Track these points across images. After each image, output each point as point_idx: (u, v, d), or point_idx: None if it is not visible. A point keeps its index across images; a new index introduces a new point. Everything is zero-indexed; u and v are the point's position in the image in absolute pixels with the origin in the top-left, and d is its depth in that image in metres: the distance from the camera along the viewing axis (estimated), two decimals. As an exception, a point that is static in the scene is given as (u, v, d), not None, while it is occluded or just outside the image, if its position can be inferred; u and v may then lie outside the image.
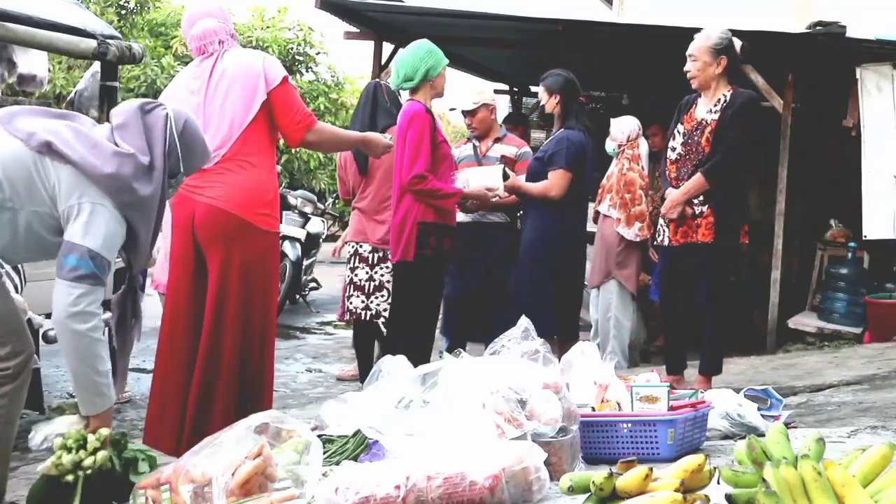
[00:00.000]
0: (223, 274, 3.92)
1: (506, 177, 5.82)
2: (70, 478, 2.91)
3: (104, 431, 2.99)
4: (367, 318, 5.91)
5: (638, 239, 6.72)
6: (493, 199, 5.55)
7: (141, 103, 3.20)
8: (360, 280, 5.86)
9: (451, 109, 6.80)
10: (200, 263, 4.02)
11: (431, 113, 5.02)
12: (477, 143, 6.39)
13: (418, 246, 4.91)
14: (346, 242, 5.93)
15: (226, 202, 3.89)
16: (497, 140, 6.37)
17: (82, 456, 2.92)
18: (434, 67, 5.03)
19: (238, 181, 3.92)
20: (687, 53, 5.11)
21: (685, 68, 5.12)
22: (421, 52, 5.07)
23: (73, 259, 2.91)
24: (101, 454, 2.94)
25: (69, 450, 2.93)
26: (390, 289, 5.63)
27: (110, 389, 3.05)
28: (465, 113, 6.36)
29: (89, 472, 2.91)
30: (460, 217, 5.89)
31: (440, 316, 6.47)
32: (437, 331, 6.26)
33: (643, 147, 6.84)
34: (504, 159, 6.18)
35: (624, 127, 6.84)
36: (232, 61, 4.06)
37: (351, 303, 5.89)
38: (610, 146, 6.91)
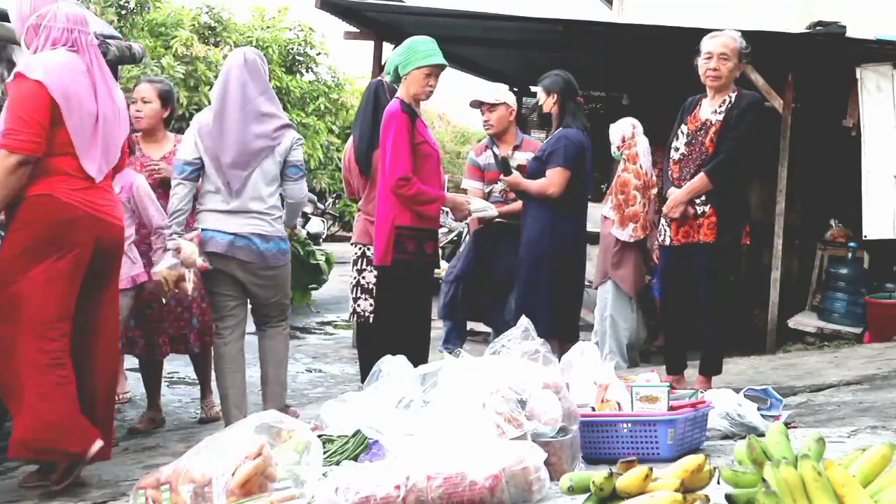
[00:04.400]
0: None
1: (508, 171, 5.79)
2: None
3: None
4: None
5: (632, 240, 6.72)
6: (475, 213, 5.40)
7: None
8: (368, 283, 5.79)
9: (472, 104, 6.52)
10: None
11: (410, 112, 4.81)
12: (496, 150, 6.13)
13: (395, 250, 4.77)
14: (353, 244, 5.89)
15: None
16: (516, 148, 6.14)
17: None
18: (403, 65, 4.82)
19: None
20: (716, 53, 4.99)
21: (711, 66, 4.99)
22: (401, 48, 4.93)
23: None
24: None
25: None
26: None
27: None
28: (484, 106, 6.10)
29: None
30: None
31: (441, 299, 6.47)
32: (436, 315, 6.25)
33: (641, 145, 6.81)
34: (520, 169, 6.07)
35: (617, 130, 6.86)
36: None
37: (359, 305, 5.81)
38: (614, 152, 6.92)
